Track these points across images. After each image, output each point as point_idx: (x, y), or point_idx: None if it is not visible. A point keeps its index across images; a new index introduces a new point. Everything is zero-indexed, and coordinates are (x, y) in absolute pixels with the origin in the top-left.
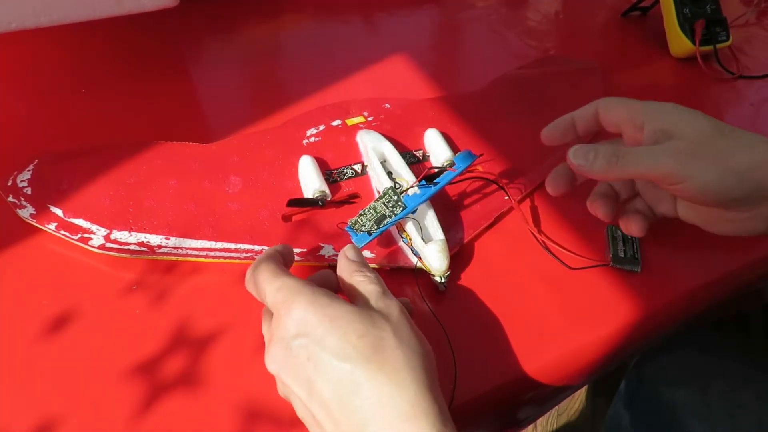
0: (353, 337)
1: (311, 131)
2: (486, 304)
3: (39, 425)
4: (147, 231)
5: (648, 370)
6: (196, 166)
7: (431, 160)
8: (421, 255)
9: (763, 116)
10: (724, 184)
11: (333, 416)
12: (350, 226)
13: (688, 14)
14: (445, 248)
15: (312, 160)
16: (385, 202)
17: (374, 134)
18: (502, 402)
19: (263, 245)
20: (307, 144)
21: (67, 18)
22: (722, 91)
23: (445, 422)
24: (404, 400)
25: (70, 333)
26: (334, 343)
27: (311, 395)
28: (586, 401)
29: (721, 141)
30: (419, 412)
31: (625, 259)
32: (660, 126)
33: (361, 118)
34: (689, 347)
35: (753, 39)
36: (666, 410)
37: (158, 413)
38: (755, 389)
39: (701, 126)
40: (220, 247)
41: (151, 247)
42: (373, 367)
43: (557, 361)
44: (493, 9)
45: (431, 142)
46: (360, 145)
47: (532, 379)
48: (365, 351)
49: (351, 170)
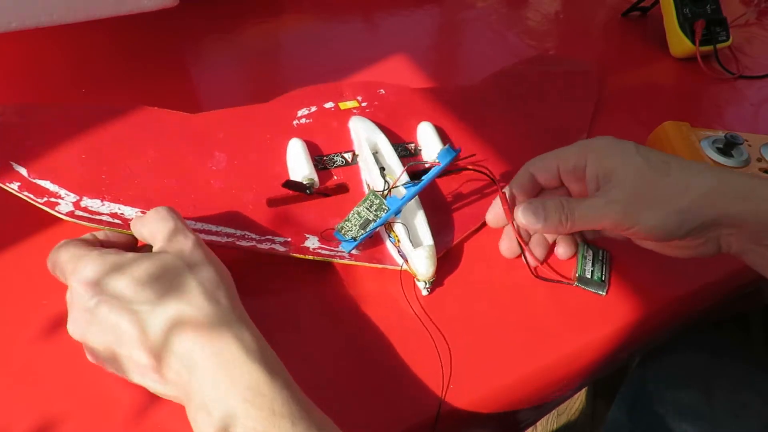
0: (145, 277)
1: (302, 112)
2: (472, 306)
3: (39, 425)
4: (122, 202)
5: (649, 371)
6: (178, 138)
7: (422, 155)
8: (408, 259)
9: (763, 116)
10: (670, 224)
11: (148, 350)
12: (338, 231)
13: (688, 14)
14: (433, 254)
15: (302, 144)
16: (368, 207)
17: (368, 123)
18: (499, 405)
19: (245, 230)
20: (297, 125)
21: (67, 18)
22: (722, 91)
23: (245, 326)
24: (204, 317)
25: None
26: (127, 287)
27: (121, 341)
28: (587, 402)
29: (660, 181)
30: (219, 323)
31: (591, 281)
32: (599, 171)
33: (354, 103)
34: (691, 348)
35: (753, 39)
36: (668, 412)
37: (158, 413)
38: (758, 390)
39: (638, 166)
40: (200, 227)
41: (126, 219)
42: (172, 299)
43: (553, 364)
44: (493, 9)
45: (424, 136)
46: (352, 133)
47: (527, 382)
48: (160, 287)
49: (341, 158)
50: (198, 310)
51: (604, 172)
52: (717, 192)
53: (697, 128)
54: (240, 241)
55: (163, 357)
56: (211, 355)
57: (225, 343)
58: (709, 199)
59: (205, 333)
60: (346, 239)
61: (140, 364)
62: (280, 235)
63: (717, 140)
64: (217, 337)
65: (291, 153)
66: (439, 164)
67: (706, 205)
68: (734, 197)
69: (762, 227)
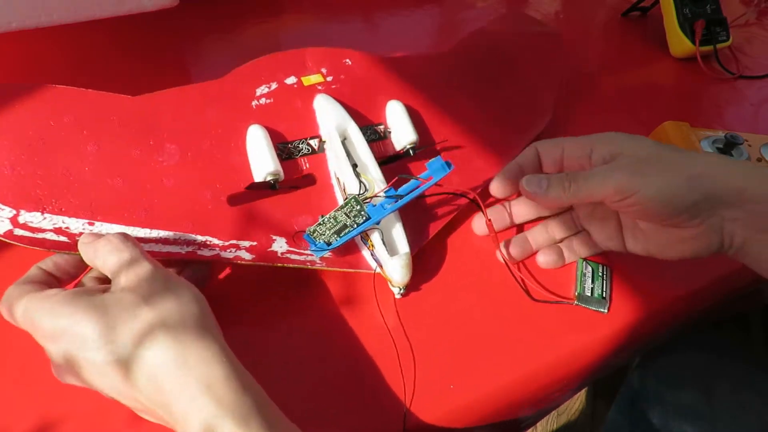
0: (107, 323)
1: (262, 89)
2: (470, 306)
3: (39, 425)
4: (65, 213)
5: (649, 371)
6: (120, 128)
7: (392, 138)
8: (384, 266)
9: (763, 116)
10: (673, 191)
11: (147, 408)
12: (308, 234)
13: (688, 14)
14: (409, 262)
15: (264, 134)
16: (347, 212)
17: (335, 106)
18: (499, 405)
19: (207, 236)
20: (256, 106)
21: (68, 18)
22: (722, 91)
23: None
24: (170, 358)
25: None
26: (90, 338)
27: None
28: (586, 402)
29: (667, 154)
30: (184, 361)
31: (592, 299)
32: (608, 150)
33: (319, 77)
34: (690, 348)
35: (753, 39)
36: (668, 412)
37: None
38: (758, 390)
39: (647, 145)
40: (156, 236)
41: (72, 235)
42: (135, 344)
43: (552, 365)
44: (493, 9)
45: (394, 118)
46: (318, 115)
47: (527, 383)
48: (125, 332)
49: (307, 146)
50: (163, 352)
51: (611, 152)
52: (721, 166)
53: (697, 128)
54: (202, 250)
55: (138, 400)
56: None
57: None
58: (714, 171)
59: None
60: (318, 243)
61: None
62: (244, 238)
63: (717, 140)
64: (184, 374)
65: (252, 144)
66: (429, 180)
67: (710, 176)
68: (737, 173)
69: (764, 207)
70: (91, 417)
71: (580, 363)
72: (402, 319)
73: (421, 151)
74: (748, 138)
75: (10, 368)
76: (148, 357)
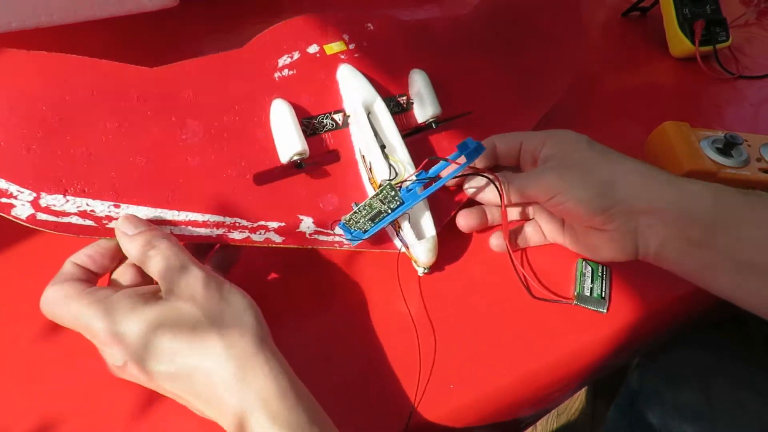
0: (168, 337)
1: (284, 60)
2: (469, 303)
3: (39, 425)
4: (88, 195)
5: (649, 370)
6: (139, 103)
7: (415, 110)
8: (411, 249)
9: (763, 116)
10: (588, 192)
11: (189, 402)
12: (344, 223)
13: (688, 14)
14: (435, 245)
15: (289, 109)
16: (382, 199)
17: (360, 79)
18: (499, 405)
19: (235, 217)
20: (279, 78)
21: (68, 18)
22: (722, 91)
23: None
24: (229, 372)
25: (70, 333)
26: (158, 345)
27: (166, 391)
28: (586, 402)
29: (593, 159)
30: (240, 378)
31: (591, 299)
32: (550, 150)
33: (341, 45)
34: (690, 348)
35: (753, 39)
36: (668, 412)
37: (158, 413)
38: (758, 390)
39: (581, 148)
40: (185, 218)
41: (98, 218)
42: (196, 353)
43: (552, 365)
44: None
45: (417, 89)
46: (342, 87)
47: (527, 383)
48: (181, 347)
49: (331, 121)
50: (222, 366)
51: (552, 152)
52: (641, 175)
53: (696, 128)
54: (231, 232)
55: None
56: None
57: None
58: (632, 178)
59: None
60: (354, 232)
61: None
62: (272, 219)
63: (717, 140)
64: (242, 389)
65: (277, 121)
66: (461, 162)
67: (628, 183)
68: (657, 183)
69: (679, 217)
70: (91, 417)
71: (580, 363)
72: (402, 321)
73: (443, 124)
74: (747, 138)
75: (10, 368)
76: (208, 370)
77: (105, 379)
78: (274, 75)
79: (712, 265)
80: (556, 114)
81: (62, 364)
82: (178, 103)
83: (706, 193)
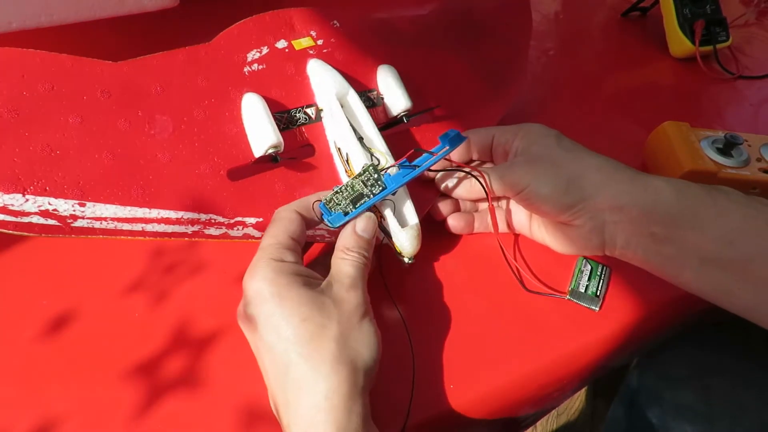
0: (296, 319)
1: (253, 55)
2: (464, 303)
3: (39, 425)
4: (49, 193)
5: (649, 370)
6: (103, 98)
7: (386, 104)
8: (395, 238)
9: (763, 116)
10: (555, 188)
11: (269, 382)
12: (323, 203)
13: (688, 14)
14: (419, 233)
15: (262, 102)
16: (364, 181)
17: (331, 72)
18: (499, 404)
19: (210, 213)
20: (249, 73)
21: (68, 18)
22: (722, 91)
23: (362, 425)
24: (319, 392)
25: (70, 333)
26: (277, 322)
27: (258, 356)
28: (586, 401)
29: (561, 155)
30: (331, 407)
31: (585, 295)
32: (521, 144)
33: (309, 41)
34: (690, 347)
35: (753, 39)
36: (667, 411)
37: (158, 413)
38: (757, 390)
39: (549, 144)
40: (157, 216)
41: (62, 217)
42: (304, 353)
43: (552, 365)
44: None
45: (386, 83)
46: (313, 81)
47: (527, 382)
48: (303, 335)
49: (304, 115)
50: (321, 384)
51: (523, 147)
52: (606, 171)
53: (696, 128)
54: (208, 228)
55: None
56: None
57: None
58: (598, 175)
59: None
60: (334, 213)
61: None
62: (249, 215)
63: (717, 140)
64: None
65: (250, 115)
66: (444, 150)
67: (593, 180)
68: (621, 179)
69: (643, 213)
70: (91, 417)
71: (579, 362)
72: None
73: (413, 118)
74: (747, 138)
75: (10, 368)
76: (306, 380)
77: (105, 379)
78: (243, 69)
79: (676, 259)
80: (556, 114)
81: (62, 364)
82: (145, 98)
83: (670, 189)
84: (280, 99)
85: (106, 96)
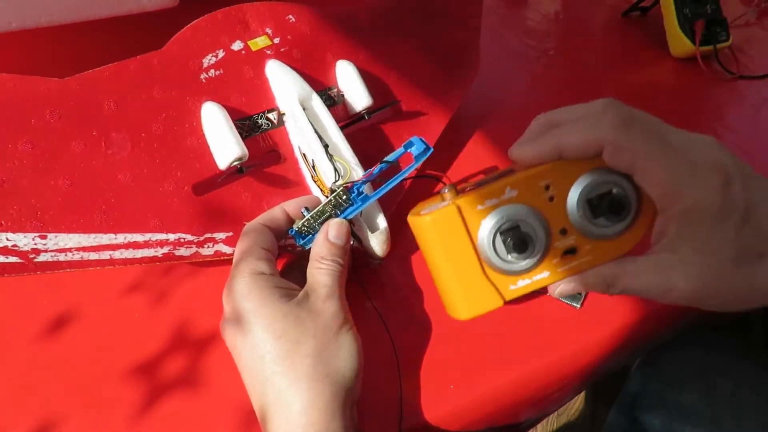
0: (271, 337)
1: (208, 60)
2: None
3: (39, 425)
4: (6, 228)
5: (650, 371)
6: (53, 119)
7: (347, 101)
8: (365, 242)
9: (763, 116)
10: (713, 279)
11: (251, 398)
12: (295, 230)
13: (688, 14)
14: (388, 236)
15: (222, 112)
16: (334, 204)
17: (291, 74)
18: (499, 405)
19: (179, 233)
20: (206, 80)
21: (68, 18)
22: (722, 91)
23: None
24: (295, 409)
25: (70, 333)
26: (253, 340)
27: (240, 371)
28: (587, 403)
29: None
30: (308, 423)
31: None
32: (653, 191)
33: (266, 40)
34: (691, 348)
35: (753, 39)
36: (669, 412)
37: (158, 413)
38: (759, 391)
39: (709, 194)
40: (124, 241)
41: (23, 253)
42: (279, 371)
43: (552, 366)
44: (492, 9)
45: (346, 81)
46: (273, 84)
47: (527, 383)
48: (278, 353)
49: (266, 121)
50: (297, 400)
51: (662, 192)
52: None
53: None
54: (178, 249)
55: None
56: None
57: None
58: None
59: (293, 428)
60: (307, 237)
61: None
62: (218, 230)
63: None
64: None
65: (211, 126)
66: (409, 164)
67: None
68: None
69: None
70: (91, 417)
71: (579, 363)
72: (399, 318)
73: (374, 114)
74: None
75: (10, 368)
76: (285, 398)
77: (105, 379)
78: (200, 76)
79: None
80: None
81: (62, 364)
82: (98, 116)
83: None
84: (241, 106)
85: (56, 117)
